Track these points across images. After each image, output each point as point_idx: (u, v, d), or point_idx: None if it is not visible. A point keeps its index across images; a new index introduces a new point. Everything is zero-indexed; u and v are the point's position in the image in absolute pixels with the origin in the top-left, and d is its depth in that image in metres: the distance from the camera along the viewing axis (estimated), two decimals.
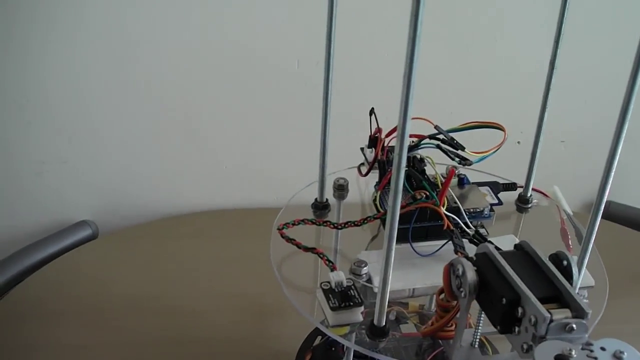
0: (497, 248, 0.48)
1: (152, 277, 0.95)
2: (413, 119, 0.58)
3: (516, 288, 0.44)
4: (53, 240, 1.03)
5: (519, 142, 1.03)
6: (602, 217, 1.17)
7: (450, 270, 0.47)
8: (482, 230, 0.60)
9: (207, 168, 1.10)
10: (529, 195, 0.68)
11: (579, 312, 0.42)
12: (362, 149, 0.67)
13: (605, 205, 1.18)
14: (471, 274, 0.45)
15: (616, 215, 1.18)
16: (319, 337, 0.72)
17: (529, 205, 0.69)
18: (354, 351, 0.62)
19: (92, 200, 1.09)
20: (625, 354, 0.40)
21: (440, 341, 0.53)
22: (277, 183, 0.75)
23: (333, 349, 0.71)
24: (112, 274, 0.95)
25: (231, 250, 1.00)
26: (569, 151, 1.15)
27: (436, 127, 0.61)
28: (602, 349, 0.40)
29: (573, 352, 0.39)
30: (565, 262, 0.47)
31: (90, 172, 1.07)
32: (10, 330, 0.85)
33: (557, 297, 0.44)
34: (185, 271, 0.96)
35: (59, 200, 1.08)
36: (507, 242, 0.58)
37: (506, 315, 0.44)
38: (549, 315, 0.41)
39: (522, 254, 0.48)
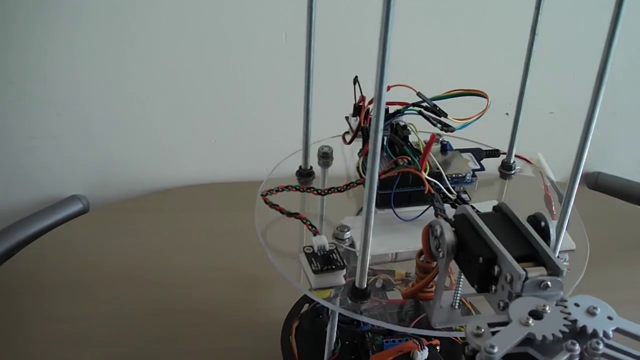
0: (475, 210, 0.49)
1: (143, 250, 0.95)
2: (395, 85, 0.59)
3: (493, 247, 0.44)
4: (44, 215, 1.03)
5: (507, 114, 1.03)
6: (590, 188, 1.19)
7: (429, 231, 0.48)
8: (464, 196, 0.60)
9: (196, 142, 1.10)
10: (512, 161, 0.69)
11: (554, 270, 0.43)
12: (346, 117, 0.67)
13: (593, 177, 1.20)
14: (449, 235, 0.46)
15: (604, 186, 1.18)
16: (306, 305, 0.73)
17: (512, 172, 0.69)
18: (340, 319, 0.63)
19: (83, 174, 1.09)
20: (599, 309, 0.40)
21: (421, 303, 0.54)
22: (267, 156, 0.75)
23: (320, 316, 0.71)
24: (104, 247, 0.96)
25: (221, 222, 1.01)
26: (558, 122, 1.15)
27: (419, 93, 0.62)
28: (576, 305, 0.41)
29: (547, 308, 0.40)
30: (542, 223, 0.48)
31: (80, 147, 1.07)
32: (3, 303, 0.85)
33: (533, 256, 0.45)
34: (176, 244, 0.97)
35: (50, 175, 1.08)
36: (489, 208, 0.58)
37: (483, 274, 0.44)
38: (524, 273, 0.42)
39: (501, 216, 0.49)
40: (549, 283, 0.42)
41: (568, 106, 1.13)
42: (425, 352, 0.60)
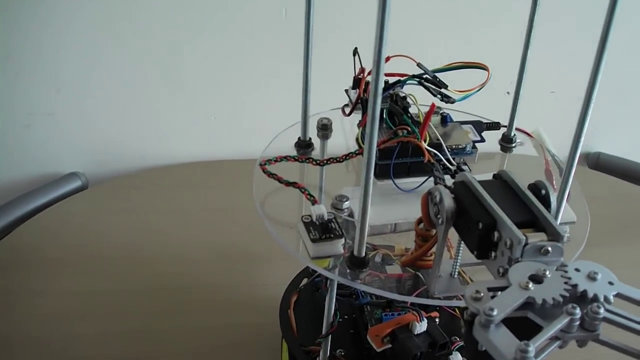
0: None
1: (141, 227, 0.95)
2: (395, 56, 0.58)
3: (492, 213, 0.44)
4: (43, 192, 1.03)
5: (508, 93, 1.03)
6: (591, 168, 1.18)
7: (429, 198, 0.47)
8: (464, 167, 0.60)
9: (195, 119, 1.10)
10: (512, 134, 0.68)
11: (554, 236, 0.43)
12: (346, 90, 0.67)
13: (594, 157, 1.20)
14: (448, 201, 0.45)
15: (605, 166, 1.18)
16: (305, 280, 0.73)
17: (513, 145, 0.68)
18: (339, 292, 0.63)
19: (81, 151, 1.09)
20: (599, 274, 0.40)
21: (419, 273, 0.53)
22: (266, 134, 0.75)
23: (319, 290, 0.71)
24: (103, 223, 0.96)
25: (219, 200, 1.01)
26: (559, 102, 1.15)
27: (419, 64, 0.61)
28: (577, 270, 0.40)
29: (547, 273, 0.39)
30: (543, 191, 0.47)
31: (79, 124, 1.07)
32: (2, 278, 0.85)
33: (533, 222, 0.44)
34: (174, 221, 0.97)
35: (48, 153, 1.08)
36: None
37: (483, 240, 0.44)
38: (524, 238, 0.42)
39: (501, 183, 0.48)
40: (549, 248, 0.42)
41: (569, 85, 1.12)
42: (424, 324, 0.60)
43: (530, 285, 0.38)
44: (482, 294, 0.38)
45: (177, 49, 1.02)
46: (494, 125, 0.68)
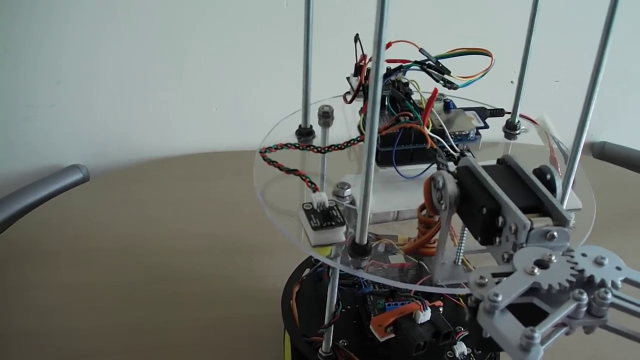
0: None
1: (142, 219, 0.95)
2: (397, 41, 0.57)
3: (497, 197, 0.43)
4: (44, 184, 1.02)
5: (512, 82, 1.02)
6: (596, 157, 1.17)
7: (431, 184, 0.46)
8: (467, 154, 0.59)
9: (197, 110, 1.09)
10: (516, 121, 0.67)
11: (560, 221, 0.42)
12: (347, 78, 0.66)
13: (599, 146, 1.19)
14: (452, 186, 0.45)
15: (610, 155, 1.18)
16: (307, 270, 0.72)
17: (517, 132, 0.68)
18: (341, 282, 0.62)
19: (82, 143, 1.08)
20: (607, 259, 0.39)
21: (422, 262, 0.52)
22: (267, 125, 0.75)
23: (321, 280, 0.70)
24: (104, 215, 0.95)
25: (221, 191, 1.00)
26: (564, 91, 1.14)
27: (421, 50, 0.60)
28: (583, 255, 0.39)
29: (553, 258, 0.38)
30: (548, 176, 0.46)
31: (79, 116, 1.06)
32: (3, 270, 0.85)
33: (538, 207, 0.43)
34: (175, 213, 0.96)
35: (49, 145, 1.07)
36: None
37: (487, 226, 0.43)
38: (529, 222, 0.41)
39: (505, 168, 0.47)
40: (555, 233, 0.41)
41: (574, 74, 1.11)
42: (428, 313, 0.59)
43: (536, 270, 0.37)
44: (486, 280, 0.37)
45: (177, 40, 1.02)
46: (498, 112, 0.67)
